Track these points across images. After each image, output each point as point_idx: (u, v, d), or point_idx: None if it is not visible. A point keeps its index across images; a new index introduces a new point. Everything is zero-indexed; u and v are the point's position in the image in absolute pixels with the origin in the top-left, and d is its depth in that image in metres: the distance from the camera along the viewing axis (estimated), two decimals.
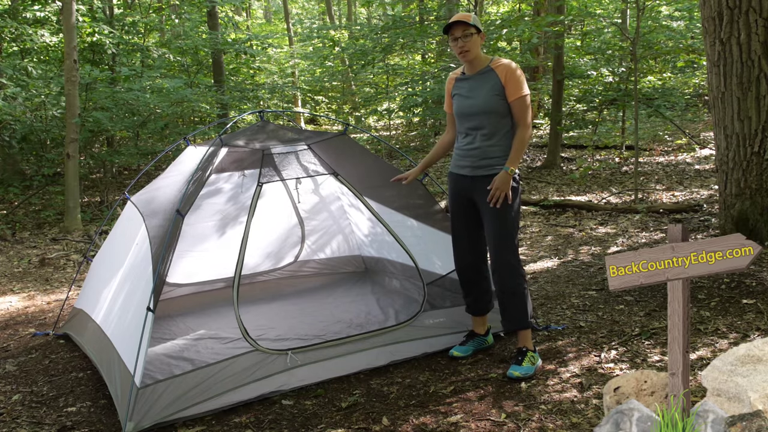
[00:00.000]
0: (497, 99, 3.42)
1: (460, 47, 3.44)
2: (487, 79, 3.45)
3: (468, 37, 3.41)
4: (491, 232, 3.47)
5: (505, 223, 3.43)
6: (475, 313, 3.79)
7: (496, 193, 3.38)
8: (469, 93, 3.50)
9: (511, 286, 3.47)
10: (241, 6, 17.69)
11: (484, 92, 3.44)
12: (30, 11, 10.64)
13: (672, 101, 12.88)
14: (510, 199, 3.40)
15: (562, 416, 2.92)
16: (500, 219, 3.43)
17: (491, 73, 3.45)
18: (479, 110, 3.45)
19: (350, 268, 5.52)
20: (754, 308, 3.98)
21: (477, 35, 3.43)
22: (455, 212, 3.66)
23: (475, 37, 3.43)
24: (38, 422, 3.30)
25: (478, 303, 3.76)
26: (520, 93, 3.40)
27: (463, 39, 3.41)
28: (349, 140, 4.43)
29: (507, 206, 3.41)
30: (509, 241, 3.46)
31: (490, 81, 3.44)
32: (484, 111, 3.44)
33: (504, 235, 3.44)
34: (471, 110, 3.48)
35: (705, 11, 5.17)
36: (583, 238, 6.63)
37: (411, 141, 15.85)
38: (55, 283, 6.65)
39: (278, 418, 3.17)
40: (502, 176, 3.38)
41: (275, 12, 26.91)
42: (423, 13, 13.90)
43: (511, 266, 3.47)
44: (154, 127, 10.79)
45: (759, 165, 4.98)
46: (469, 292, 3.75)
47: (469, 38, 3.41)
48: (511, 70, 3.42)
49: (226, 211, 5.05)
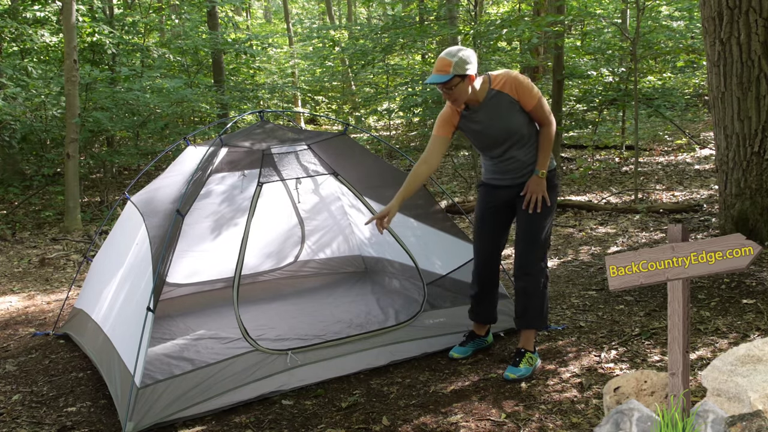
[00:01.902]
0: (518, 115, 3.30)
1: (448, 97, 3.25)
2: (499, 101, 3.29)
3: (451, 90, 3.19)
4: (523, 232, 3.42)
5: (539, 224, 3.38)
6: (479, 321, 3.76)
7: (533, 197, 3.32)
8: (489, 121, 3.32)
9: (536, 288, 3.42)
10: (241, 6, 17.68)
11: (504, 115, 3.29)
12: (30, 11, 10.64)
13: (672, 101, 12.87)
14: (548, 202, 3.34)
15: (562, 416, 2.92)
16: (535, 220, 3.37)
17: (500, 95, 3.28)
18: (509, 133, 3.32)
19: (350, 268, 5.52)
20: (754, 308, 3.98)
21: (464, 81, 3.17)
22: (487, 218, 3.56)
23: (461, 85, 3.18)
24: (38, 422, 3.30)
25: (486, 312, 3.71)
26: (536, 98, 3.27)
27: (447, 92, 3.21)
28: (349, 140, 4.43)
29: (544, 208, 3.36)
30: (540, 242, 3.42)
31: (504, 102, 3.28)
32: (513, 132, 3.32)
33: (536, 236, 3.39)
34: (501, 136, 3.34)
35: (705, 11, 5.16)
36: (583, 238, 6.63)
37: (411, 141, 15.84)
38: (55, 283, 6.65)
39: (278, 418, 3.17)
40: (535, 180, 3.32)
41: (275, 12, 26.91)
42: (423, 13, 13.89)
43: (540, 268, 3.43)
44: (154, 127, 10.79)
45: (759, 165, 4.98)
46: (479, 300, 3.69)
47: (453, 89, 3.19)
48: (516, 82, 3.27)
49: (226, 211, 5.05)
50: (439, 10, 12.83)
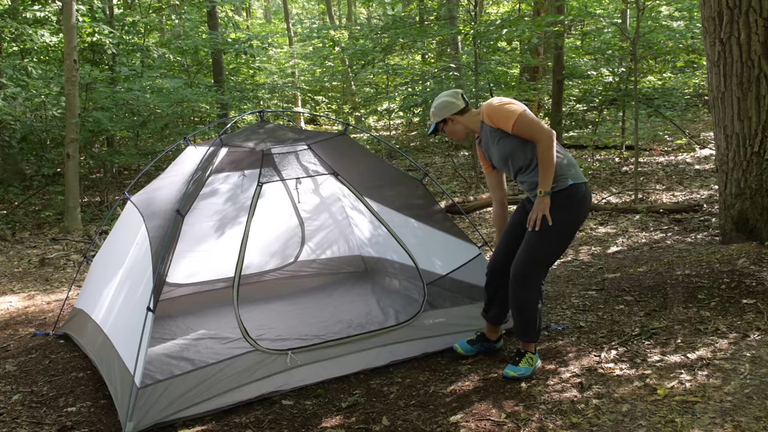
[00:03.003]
0: (507, 141, 3.38)
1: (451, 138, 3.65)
2: (487, 131, 3.49)
3: (445, 132, 3.58)
4: (521, 247, 3.40)
5: (538, 242, 3.33)
6: (488, 321, 3.75)
7: (533, 215, 3.31)
8: (488, 149, 3.56)
9: (524, 302, 3.38)
10: (241, 6, 17.70)
11: (496, 143, 3.45)
12: (30, 11, 10.64)
13: (672, 101, 12.88)
14: (549, 221, 3.27)
15: (562, 416, 2.92)
16: (535, 238, 3.33)
17: (485, 126, 3.49)
18: (506, 157, 3.44)
19: (350, 269, 5.52)
20: (754, 308, 3.98)
21: (447, 124, 3.55)
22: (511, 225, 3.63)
23: (449, 126, 3.56)
24: (38, 422, 3.30)
25: (494, 312, 3.69)
26: (512, 120, 3.29)
27: (443, 132, 3.61)
28: (349, 140, 4.42)
29: (546, 228, 3.30)
30: (536, 259, 3.35)
31: (490, 132, 3.46)
32: (507, 156, 3.43)
33: (532, 252, 3.34)
34: (502, 161, 3.49)
35: (705, 11, 5.17)
36: (583, 238, 6.63)
37: (411, 141, 15.85)
38: (55, 283, 6.65)
39: (278, 418, 3.17)
40: (537, 199, 3.30)
41: (275, 12, 26.93)
42: (423, 13, 13.90)
43: (530, 284, 3.36)
44: (154, 128, 10.79)
45: (759, 165, 4.98)
46: (493, 298, 3.67)
47: (446, 132, 3.58)
48: (490, 110, 3.38)
49: (226, 211, 5.05)
50: (439, 10, 12.84)
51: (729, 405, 2.82)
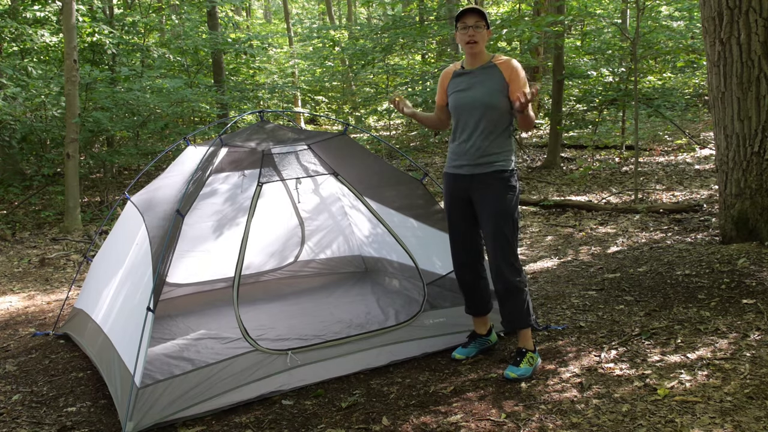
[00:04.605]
0: (499, 95, 3.40)
1: (469, 36, 3.40)
2: (490, 74, 3.43)
3: (479, 28, 3.41)
4: (489, 231, 3.45)
5: (503, 222, 3.41)
6: (475, 314, 3.78)
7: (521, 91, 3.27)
8: (470, 87, 3.46)
9: (509, 285, 3.44)
10: (241, 6, 17.70)
11: (486, 87, 3.42)
12: (30, 11, 10.64)
13: (672, 101, 12.88)
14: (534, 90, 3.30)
15: (562, 416, 2.92)
16: (498, 218, 3.40)
17: (494, 69, 3.43)
18: (481, 104, 3.41)
19: (350, 268, 5.52)
20: (754, 308, 3.98)
21: (485, 31, 3.45)
22: (452, 212, 3.64)
23: (484, 32, 3.44)
24: (38, 422, 3.30)
25: (478, 304, 3.74)
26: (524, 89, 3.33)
27: (475, 28, 3.40)
28: (349, 140, 4.42)
29: (505, 205, 3.39)
30: (507, 240, 3.43)
31: (493, 76, 3.42)
32: (485, 105, 3.40)
33: (502, 233, 3.41)
34: (472, 104, 3.43)
35: (705, 11, 5.17)
36: (583, 238, 6.63)
37: (411, 141, 15.85)
38: (55, 283, 6.65)
39: (278, 418, 3.17)
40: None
41: (275, 12, 26.93)
42: (423, 13, 13.91)
43: (509, 264, 3.44)
44: (154, 127, 10.79)
45: (759, 165, 4.98)
46: (468, 293, 3.74)
47: (480, 30, 3.42)
48: (515, 70, 3.41)
49: (226, 211, 5.05)
50: (439, 10, 12.85)
51: (729, 405, 2.82)
